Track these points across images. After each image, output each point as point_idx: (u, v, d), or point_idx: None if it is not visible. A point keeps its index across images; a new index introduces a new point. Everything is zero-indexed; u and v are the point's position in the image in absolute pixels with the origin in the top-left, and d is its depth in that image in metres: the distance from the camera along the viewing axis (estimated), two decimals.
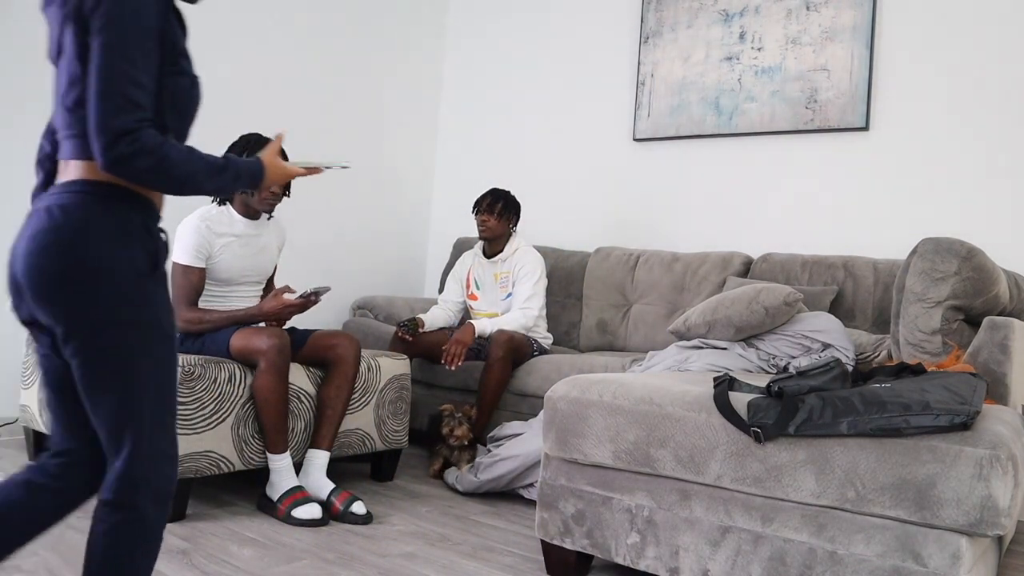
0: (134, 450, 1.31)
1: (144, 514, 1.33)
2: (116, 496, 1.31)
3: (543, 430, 2.11)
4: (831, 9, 3.55)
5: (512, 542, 2.42)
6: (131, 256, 1.29)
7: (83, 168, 1.29)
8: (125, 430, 1.31)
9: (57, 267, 1.25)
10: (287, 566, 2.12)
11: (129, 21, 1.24)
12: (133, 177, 1.26)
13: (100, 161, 1.23)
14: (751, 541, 1.79)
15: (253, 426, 2.56)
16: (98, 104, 1.22)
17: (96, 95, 1.22)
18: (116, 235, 1.28)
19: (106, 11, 1.23)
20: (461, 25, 4.93)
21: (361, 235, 4.55)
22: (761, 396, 1.82)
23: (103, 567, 1.33)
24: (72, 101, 1.28)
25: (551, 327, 3.85)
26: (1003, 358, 2.17)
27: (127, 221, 1.30)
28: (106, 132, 1.22)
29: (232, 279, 2.73)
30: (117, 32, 1.23)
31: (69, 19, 1.26)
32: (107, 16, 1.23)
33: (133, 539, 1.33)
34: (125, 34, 1.23)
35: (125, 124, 1.22)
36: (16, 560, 2.02)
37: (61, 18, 1.28)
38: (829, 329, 2.74)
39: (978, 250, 2.33)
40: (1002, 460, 1.53)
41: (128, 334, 1.29)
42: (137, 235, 1.31)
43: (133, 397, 1.30)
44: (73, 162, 1.30)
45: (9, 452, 3.12)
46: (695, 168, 3.94)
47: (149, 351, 1.32)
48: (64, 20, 1.27)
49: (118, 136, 1.22)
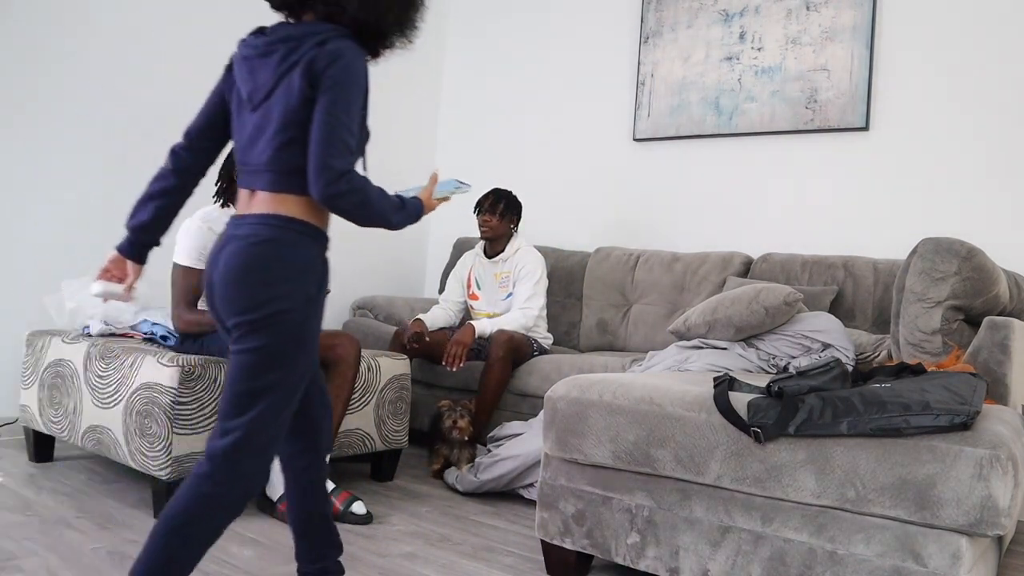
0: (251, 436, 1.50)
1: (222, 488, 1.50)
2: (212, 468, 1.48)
3: (543, 430, 2.11)
4: (831, 9, 3.55)
5: (512, 542, 2.42)
6: (306, 282, 1.54)
7: (278, 202, 1.53)
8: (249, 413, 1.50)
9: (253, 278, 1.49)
10: (287, 566, 2.12)
11: (353, 83, 1.49)
12: (341, 210, 1.50)
13: (318, 195, 1.47)
14: (751, 541, 1.79)
15: None
16: (323, 148, 1.45)
17: (322, 140, 1.45)
18: (299, 265, 1.53)
19: (337, 72, 1.47)
20: (461, 25, 4.93)
21: (361, 235, 4.52)
22: (761, 396, 1.82)
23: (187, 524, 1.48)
24: (283, 141, 1.50)
25: (551, 327, 3.85)
26: (1003, 358, 2.16)
27: (308, 253, 1.55)
28: (328, 171, 1.45)
29: None
30: (344, 90, 1.48)
31: (297, 73, 1.48)
32: (337, 77, 1.47)
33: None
34: (349, 93, 1.48)
35: (343, 166, 1.46)
36: (16, 560, 2.02)
37: (283, 70, 1.51)
38: (829, 329, 2.74)
39: (978, 250, 2.33)
40: (1002, 460, 1.53)
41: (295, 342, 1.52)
42: (313, 265, 1.56)
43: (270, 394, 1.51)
44: (268, 194, 1.53)
45: (9, 452, 3.12)
46: (695, 168, 3.94)
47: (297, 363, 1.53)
48: (286, 72, 1.50)
49: (339, 176, 1.45)
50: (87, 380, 2.68)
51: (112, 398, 2.57)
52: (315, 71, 1.48)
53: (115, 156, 3.58)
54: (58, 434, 2.81)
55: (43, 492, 2.64)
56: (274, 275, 1.50)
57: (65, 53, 3.42)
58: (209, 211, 2.69)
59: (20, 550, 2.09)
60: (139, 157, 3.67)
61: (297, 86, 1.48)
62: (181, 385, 2.40)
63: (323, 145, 1.45)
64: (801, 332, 2.74)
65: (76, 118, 3.46)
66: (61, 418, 2.78)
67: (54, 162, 3.41)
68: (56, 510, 2.45)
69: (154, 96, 3.68)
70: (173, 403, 2.39)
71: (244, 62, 1.58)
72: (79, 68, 3.46)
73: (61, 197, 3.43)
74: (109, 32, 3.54)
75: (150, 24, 3.66)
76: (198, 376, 2.44)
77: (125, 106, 3.60)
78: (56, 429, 2.82)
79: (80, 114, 3.47)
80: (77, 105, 3.46)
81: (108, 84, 3.55)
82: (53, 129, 3.40)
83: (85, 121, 3.49)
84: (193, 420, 2.43)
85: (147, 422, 2.43)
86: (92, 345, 2.73)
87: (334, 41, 1.49)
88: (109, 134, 3.56)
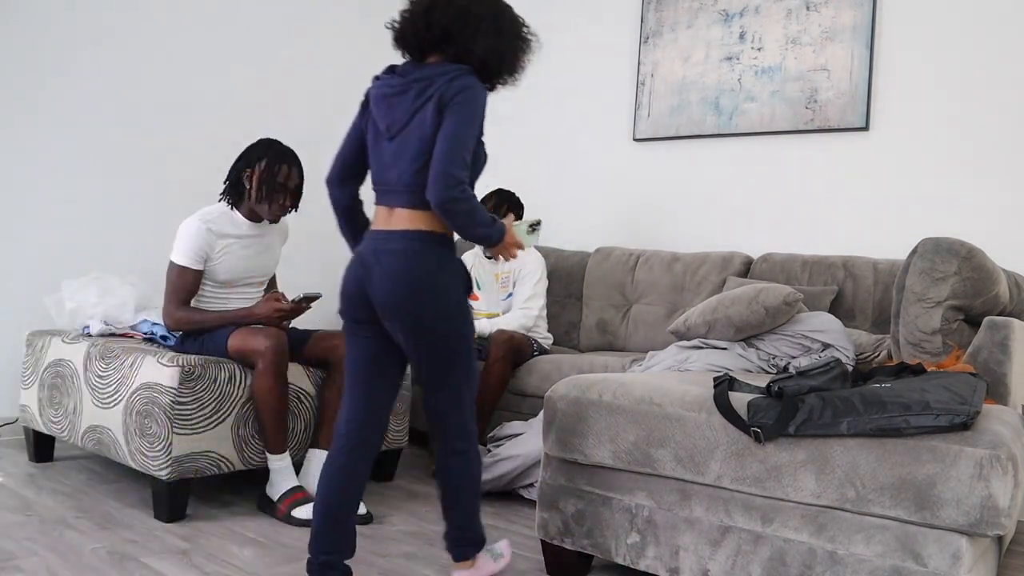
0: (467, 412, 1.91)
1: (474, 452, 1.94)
2: (461, 444, 1.91)
3: (543, 430, 2.11)
4: (831, 9, 3.55)
5: (512, 542, 2.42)
6: (456, 283, 1.84)
7: (419, 218, 1.80)
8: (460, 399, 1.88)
9: (415, 291, 1.77)
10: (287, 566, 2.12)
11: (474, 107, 1.76)
12: (452, 216, 1.74)
13: (435, 200, 1.70)
14: (751, 541, 1.79)
15: (253, 426, 2.56)
16: (444, 158, 1.70)
17: (444, 152, 1.71)
18: (448, 270, 1.82)
19: (462, 99, 1.75)
20: None
21: None
22: (761, 396, 1.82)
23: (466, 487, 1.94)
24: (419, 166, 1.76)
25: (551, 327, 3.85)
26: (1003, 358, 2.16)
27: (451, 259, 1.85)
28: (446, 177, 1.69)
29: (233, 280, 2.72)
30: (466, 113, 1.75)
31: (430, 107, 1.75)
32: (461, 103, 1.75)
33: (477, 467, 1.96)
34: (470, 115, 1.75)
35: (460, 175, 1.71)
36: (16, 560, 2.02)
37: (418, 105, 1.77)
38: (829, 329, 2.74)
39: (978, 250, 2.33)
40: (1002, 460, 1.53)
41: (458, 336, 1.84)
42: (456, 268, 1.85)
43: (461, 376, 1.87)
44: (408, 211, 1.80)
45: (9, 452, 3.12)
46: (695, 168, 3.94)
47: (468, 345, 1.88)
48: (421, 107, 1.77)
49: (456, 183, 1.70)
50: (87, 380, 2.68)
51: (112, 398, 2.57)
52: (444, 101, 1.75)
53: (115, 156, 3.58)
54: (58, 434, 2.81)
55: (43, 492, 2.64)
56: (435, 288, 1.79)
57: (65, 54, 3.42)
58: (209, 211, 2.69)
59: (20, 550, 2.09)
60: (139, 157, 3.68)
61: (430, 117, 1.75)
62: (181, 385, 2.40)
63: (444, 155, 1.71)
64: (801, 332, 2.74)
65: (76, 118, 3.46)
66: (61, 418, 2.78)
67: (54, 162, 3.41)
68: (56, 510, 2.45)
69: (154, 97, 3.69)
70: (173, 403, 2.39)
71: (383, 100, 1.85)
72: (79, 69, 3.46)
73: (61, 197, 3.43)
74: (109, 33, 3.54)
75: (150, 25, 3.66)
76: (198, 376, 2.44)
77: (125, 106, 3.60)
78: (56, 429, 2.82)
79: (80, 114, 3.47)
80: (77, 105, 3.46)
81: (108, 85, 3.55)
82: (53, 129, 3.40)
83: (85, 121, 3.49)
84: (193, 420, 2.43)
85: (147, 422, 2.43)
86: (92, 345, 2.73)
87: (461, 78, 1.77)
88: (109, 134, 3.56)
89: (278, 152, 2.68)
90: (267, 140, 2.73)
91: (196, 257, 2.61)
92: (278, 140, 2.75)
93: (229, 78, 3.95)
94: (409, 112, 1.79)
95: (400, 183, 1.80)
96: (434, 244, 1.81)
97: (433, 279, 1.79)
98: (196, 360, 2.47)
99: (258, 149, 2.70)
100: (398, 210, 1.81)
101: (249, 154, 2.69)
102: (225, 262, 2.67)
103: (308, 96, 4.27)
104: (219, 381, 2.49)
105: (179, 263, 2.61)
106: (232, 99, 3.97)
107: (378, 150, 1.86)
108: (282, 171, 2.66)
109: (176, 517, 2.43)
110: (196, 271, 2.63)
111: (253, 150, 2.70)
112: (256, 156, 2.67)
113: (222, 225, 2.67)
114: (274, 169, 2.65)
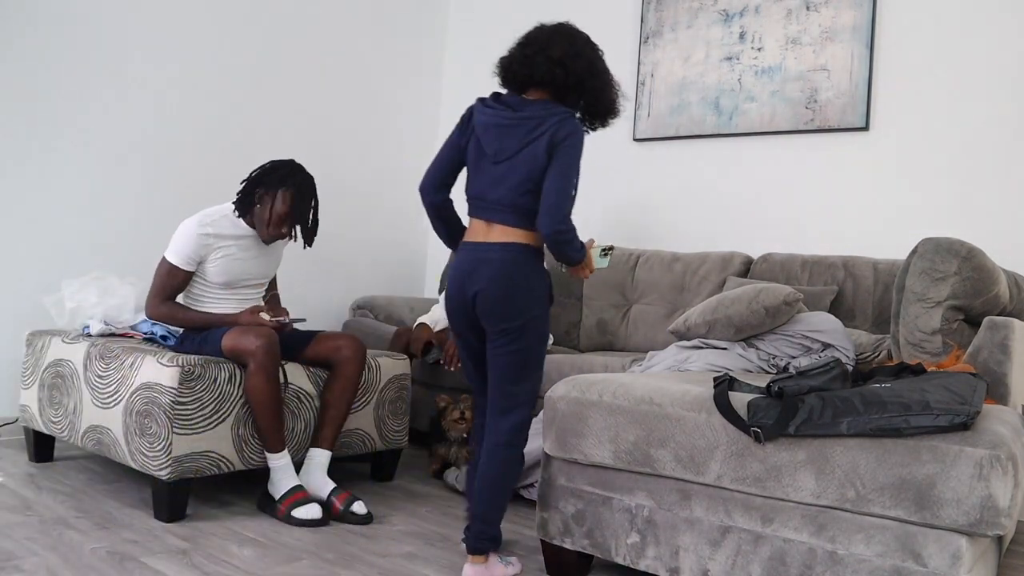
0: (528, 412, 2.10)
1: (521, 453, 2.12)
2: (516, 439, 2.09)
3: (543, 430, 2.11)
4: (831, 9, 3.55)
5: (512, 542, 2.42)
6: (545, 292, 2.11)
7: (516, 233, 2.06)
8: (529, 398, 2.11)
9: (512, 295, 2.04)
10: (287, 566, 2.12)
11: (580, 151, 2.05)
12: (557, 244, 2.01)
13: (546, 230, 1.99)
14: (751, 541, 1.79)
15: (253, 426, 2.56)
16: (557, 197, 1.99)
17: (556, 191, 1.99)
18: (539, 278, 2.10)
19: (571, 144, 2.02)
20: (461, 24, 4.94)
21: (361, 235, 4.55)
22: (761, 396, 1.82)
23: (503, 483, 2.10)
24: (524, 191, 2.04)
25: (551, 327, 3.84)
26: (1003, 358, 2.16)
27: (541, 269, 2.11)
28: (558, 212, 1.99)
29: (232, 282, 2.71)
30: (573, 158, 2.03)
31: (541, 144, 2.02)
32: (570, 147, 2.02)
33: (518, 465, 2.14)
34: (576, 158, 2.04)
35: (567, 209, 2.00)
36: (16, 560, 2.02)
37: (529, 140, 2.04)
38: (829, 329, 2.74)
39: (978, 250, 2.33)
40: (1002, 460, 1.53)
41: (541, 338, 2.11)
42: (545, 277, 2.12)
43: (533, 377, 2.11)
44: (507, 227, 2.07)
45: (9, 452, 3.12)
46: (695, 168, 3.94)
47: (544, 349, 2.14)
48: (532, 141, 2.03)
49: (564, 217, 1.99)
50: (87, 380, 2.68)
51: (112, 398, 2.57)
52: (555, 141, 2.02)
53: (115, 157, 3.58)
54: (58, 434, 2.81)
55: (43, 492, 2.64)
56: (529, 291, 2.06)
57: (65, 55, 3.42)
58: (211, 212, 2.67)
59: (20, 550, 2.09)
60: (139, 158, 3.68)
61: (541, 154, 2.02)
62: (181, 385, 2.40)
63: (557, 195, 1.99)
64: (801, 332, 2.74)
65: (76, 119, 3.46)
66: (61, 418, 2.79)
67: (54, 162, 3.41)
68: (56, 510, 2.45)
69: (154, 98, 3.69)
70: (173, 403, 2.39)
71: (494, 128, 2.09)
72: (80, 70, 3.46)
73: (61, 197, 3.43)
74: (109, 34, 3.54)
75: (150, 25, 3.66)
76: (198, 376, 2.44)
77: (125, 107, 3.60)
78: (56, 429, 2.82)
79: (80, 115, 3.47)
80: (77, 106, 3.46)
81: (109, 86, 3.55)
82: (53, 130, 3.40)
83: (85, 122, 3.49)
84: (193, 420, 2.43)
85: (147, 422, 2.43)
86: (92, 345, 2.73)
87: (568, 123, 2.04)
88: (109, 135, 3.56)
89: (298, 185, 2.64)
90: (290, 166, 2.68)
91: (188, 260, 2.61)
92: (302, 168, 2.70)
93: (229, 78, 3.95)
94: (519, 144, 2.05)
95: (502, 203, 2.06)
96: (528, 255, 2.08)
97: (528, 285, 2.06)
98: (196, 360, 2.47)
99: (279, 174, 2.65)
100: (497, 225, 2.07)
101: (270, 176, 2.65)
102: (222, 264, 2.66)
103: (308, 95, 4.27)
104: (219, 381, 2.49)
105: (171, 261, 2.61)
106: (232, 99, 3.96)
107: (480, 168, 2.12)
108: (297, 204, 2.64)
109: (176, 517, 2.43)
110: (186, 272, 2.63)
111: (274, 173, 2.65)
112: (276, 181, 2.63)
113: (222, 227, 2.66)
114: (289, 201, 2.62)
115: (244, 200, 2.66)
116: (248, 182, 2.68)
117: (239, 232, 2.69)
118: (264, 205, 2.64)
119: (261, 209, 2.65)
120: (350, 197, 4.42)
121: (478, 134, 2.12)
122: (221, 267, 2.66)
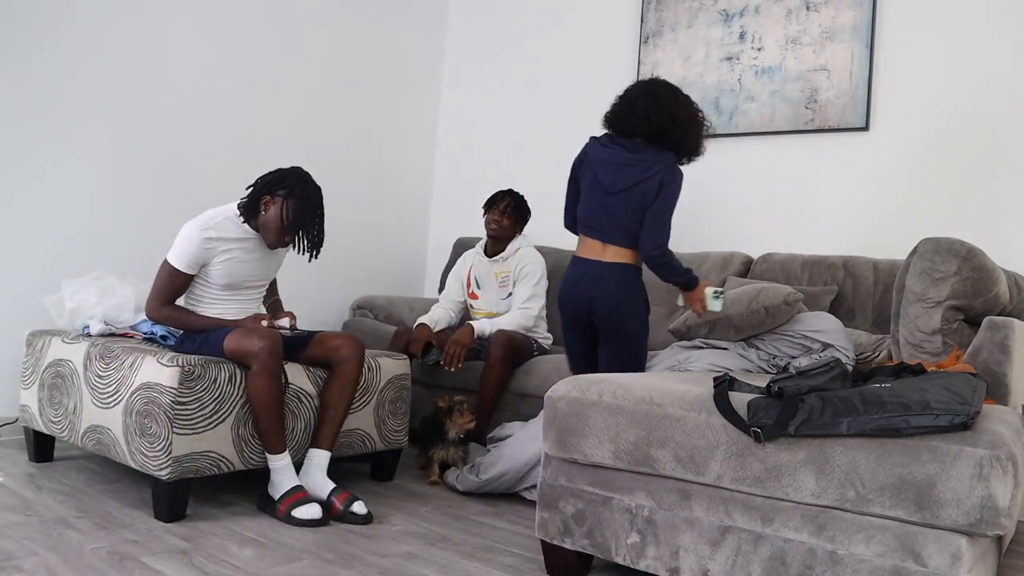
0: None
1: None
2: None
3: (543, 430, 2.11)
4: (831, 9, 3.55)
5: (512, 542, 2.42)
6: (645, 300, 2.67)
7: (626, 254, 2.63)
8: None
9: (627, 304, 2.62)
10: (287, 566, 2.12)
11: (677, 194, 2.61)
12: (656, 267, 2.58)
13: (647, 255, 2.58)
14: (751, 541, 1.79)
15: (253, 426, 2.56)
16: (658, 228, 2.57)
17: (658, 223, 2.57)
18: (642, 290, 2.66)
19: (674, 186, 2.59)
20: (461, 25, 4.94)
21: (361, 235, 4.55)
22: (761, 396, 1.82)
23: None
24: (635, 220, 2.59)
25: (551, 327, 3.85)
26: (1003, 358, 2.17)
27: (642, 284, 2.67)
28: (657, 239, 2.57)
29: (234, 284, 2.71)
30: (672, 197, 2.60)
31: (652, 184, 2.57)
32: (672, 188, 2.59)
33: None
34: (674, 199, 2.60)
35: (665, 238, 2.57)
36: (16, 560, 2.02)
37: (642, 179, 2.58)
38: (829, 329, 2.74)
39: (978, 250, 2.33)
40: (1002, 460, 1.53)
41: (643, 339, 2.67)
42: (644, 290, 2.67)
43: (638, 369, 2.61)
44: (620, 248, 2.63)
45: (9, 452, 3.12)
46: (694, 168, 3.92)
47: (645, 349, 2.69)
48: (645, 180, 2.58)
49: (660, 244, 2.56)
50: (87, 380, 2.68)
51: (112, 398, 2.57)
52: (664, 182, 2.57)
53: (115, 157, 3.58)
54: (58, 434, 2.81)
55: (43, 492, 2.64)
56: (637, 302, 2.63)
57: (65, 56, 3.42)
58: (214, 215, 2.66)
59: (20, 550, 2.09)
60: (139, 158, 3.68)
61: (651, 192, 2.57)
62: (181, 385, 2.40)
63: (659, 227, 2.57)
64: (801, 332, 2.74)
65: (76, 119, 3.46)
66: (61, 418, 2.79)
67: (54, 162, 3.41)
68: (56, 510, 2.45)
69: (153, 99, 3.69)
70: (173, 403, 2.39)
71: (611, 164, 2.63)
72: (80, 70, 3.46)
73: (61, 197, 3.43)
74: (109, 35, 3.54)
75: (150, 27, 3.66)
76: (198, 376, 2.44)
77: (125, 108, 3.60)
78: (56, 429, 2.82)
79: (80, 115, 3.47)
80: (77, 105, 3.46)
81: (108, 86, 3.55)
82: (53, 130, 3.40)
83: (85, 122, 3.49)
84: (193, 420, 2.43)
85: (147, 422, 2.43)
86: (92, 345, 2.73)
87: (672, 168, 2.60)
88: (109, 135, 3.56)
89: (306, 196, 2.62)
90: (298, 175, 2.65)
91: (190, 263, 2.61)
92: (309, 178, 2.67)
93: (229, 78, 3.95)
94: (633, 180, 2.58)
95: (615, 228, 2.61)
96: (635, 272, 2.65)
97: (636, 295, 2.63)
98: (196, 360, 2.47)
99: (286, 183, 2.62)
100: (611, 247, 2.62)
101: (277, 185, 2.62)
102: (226, 267, 2.66)
103: (307, 95, 4.27)
104: (219, 381, 2.49)
105: (173, 264, 2.61)
106: (232, 99, 3.97)
107: (594, 196, 2.65)
108: (303, 215, 2.62)
109: (176, 517, 2.43)
110: (187, 275, 2.63)
111: (280, 182, 2.63)
112: (283, 191, 2.61)
113: (225, 230, 2.65)
114: (296, 212, 2.60)
115: (250, 206, 2.65)
116: (254, 188, 2.66)
117: (242, 234, 2.68)
118: (270, 213, 2.63)
119: (266, 217, 2.63)
120: (350, 197, 4.42)
121: (594, 168, 2.65)
122: (225, 269, 2.66)
